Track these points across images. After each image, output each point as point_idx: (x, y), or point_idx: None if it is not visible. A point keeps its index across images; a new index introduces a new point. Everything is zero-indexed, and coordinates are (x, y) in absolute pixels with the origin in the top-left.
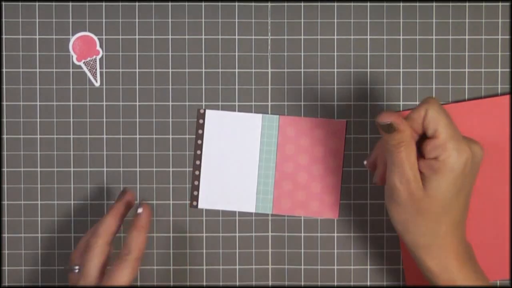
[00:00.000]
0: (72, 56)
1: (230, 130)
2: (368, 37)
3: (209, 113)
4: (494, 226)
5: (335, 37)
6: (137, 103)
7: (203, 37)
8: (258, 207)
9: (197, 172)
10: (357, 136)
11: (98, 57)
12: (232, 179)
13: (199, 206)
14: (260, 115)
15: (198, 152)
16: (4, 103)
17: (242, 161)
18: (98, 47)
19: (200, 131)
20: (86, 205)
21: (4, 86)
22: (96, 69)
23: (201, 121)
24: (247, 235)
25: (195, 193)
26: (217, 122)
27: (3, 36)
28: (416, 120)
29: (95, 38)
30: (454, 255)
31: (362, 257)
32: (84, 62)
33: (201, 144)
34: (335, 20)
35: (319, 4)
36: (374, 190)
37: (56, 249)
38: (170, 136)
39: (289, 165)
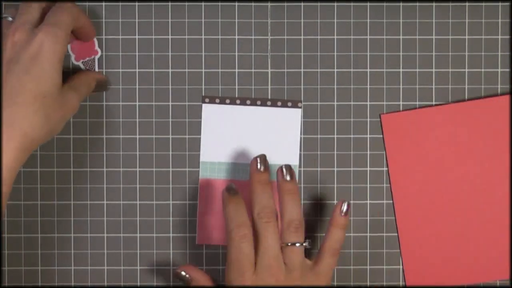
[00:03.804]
0: (71, 56)
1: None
2: (368, 37)
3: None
4: (494, 226)
5: (335, 37)
6: (137, 103)
7: (203, 37)
8: None
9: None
10: (357, 136)
11: (97, 57)
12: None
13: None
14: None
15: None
16: None
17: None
18: (96, 47)
19: None
20: (86, 205)
21: None
22: (94, 69)
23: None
24: None
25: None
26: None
27: None
28: None
29: (94, 38)
30: None
31: (362, 257)
32: (82, 62)
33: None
34: (335, 20)
35: (319, 4)
36: (374, 190)
37: (56, 249)
38: (170, 136)
39: None
